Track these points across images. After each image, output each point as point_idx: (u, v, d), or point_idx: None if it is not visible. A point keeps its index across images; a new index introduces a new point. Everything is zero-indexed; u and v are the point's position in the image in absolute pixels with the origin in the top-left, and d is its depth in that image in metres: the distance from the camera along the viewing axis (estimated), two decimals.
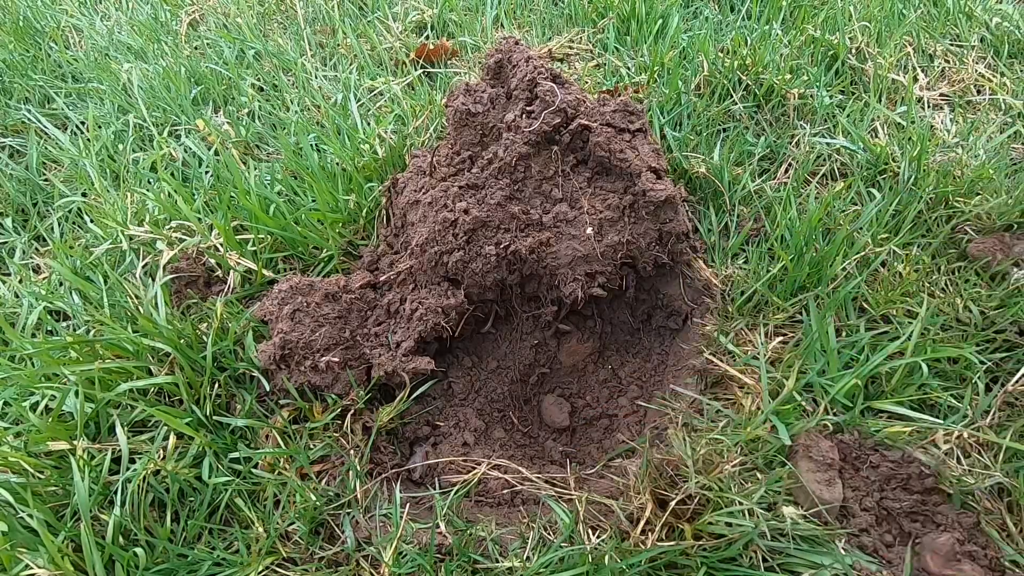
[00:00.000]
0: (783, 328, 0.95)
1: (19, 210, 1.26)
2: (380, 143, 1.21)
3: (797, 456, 0.79)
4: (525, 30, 1.56)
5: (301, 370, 0.89)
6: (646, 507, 0.75)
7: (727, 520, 0.73)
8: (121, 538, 0.75)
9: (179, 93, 1.40)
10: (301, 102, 1.38)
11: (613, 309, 1.05)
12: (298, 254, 1.07)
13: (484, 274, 0.92)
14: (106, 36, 1.65)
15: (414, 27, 1.60)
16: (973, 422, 0.82)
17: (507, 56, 1.01)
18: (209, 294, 1.03)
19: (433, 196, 0.95)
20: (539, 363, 1.04)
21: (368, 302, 0.98)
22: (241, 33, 1.58)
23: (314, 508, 0.79)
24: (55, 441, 0.81)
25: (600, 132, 0.94)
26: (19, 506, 0.75)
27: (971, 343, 0.89)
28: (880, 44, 1.40)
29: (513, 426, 1.00)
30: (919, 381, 0.85)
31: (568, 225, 0.94)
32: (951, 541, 0.71)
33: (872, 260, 0.98)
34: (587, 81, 1.35)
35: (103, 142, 1.30)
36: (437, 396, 0.98)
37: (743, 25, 1.50)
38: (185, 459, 0.82)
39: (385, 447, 0.90)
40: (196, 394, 0.87)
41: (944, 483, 0.77)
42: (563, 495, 0.83)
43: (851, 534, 0.74)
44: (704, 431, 0.83)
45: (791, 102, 1.26)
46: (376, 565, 0.76)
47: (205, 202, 1.13)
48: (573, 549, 0.73)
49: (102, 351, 0.89)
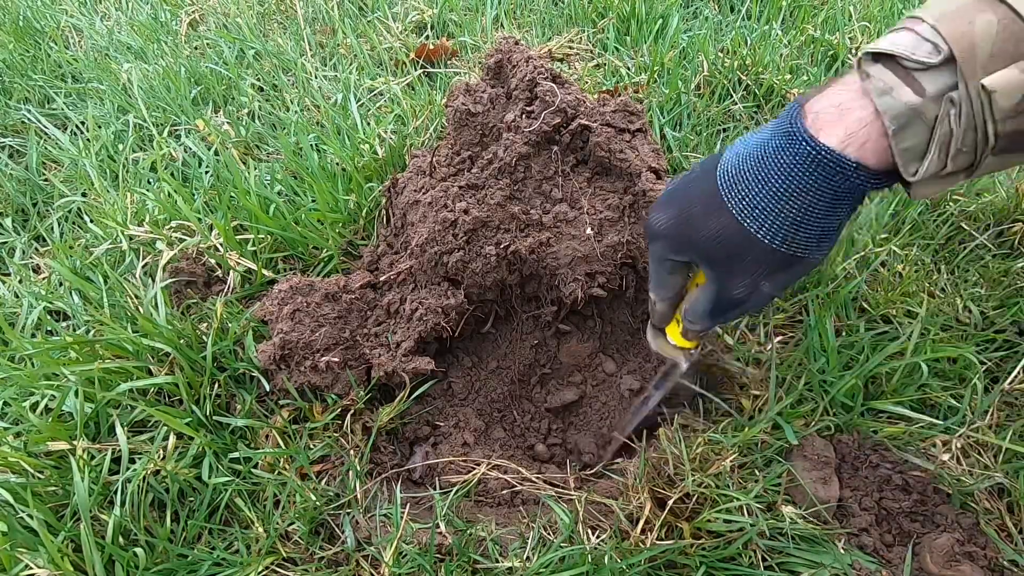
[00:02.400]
0: (783, 328, 0.95)
1: (19, 210, 1.26)
2: (380, 143, 1.21)
3: (793, 455, 0.79)
4: (525, 30, 1.56)
5: (301, 370, 0.89)
6: (645, 506, 0.75)
7: (725, 518, 0.73)
8: (121, 538, 0.75)
9: (179, 93, 1.40)
10: (301, 102, 1.38)
11: (613, 309, 1.05)
12: (298, 254, 1.07)
13: (484, 274, 0.92)
14: (106, 36, 1.65)
15: (414, 27, 1.60)
16: (972, 423, 0.82)
17: (507, 56, 1.01)
18: (209, 294, 1.03)
19: (433, 196, 0.95)
20: (539, 363, 1.04)
21: (368, 302, 0.98)
22: (241, 33, 1.58)
23: (314, 508, 0.79)
24: (55, 441, 0.81)
25: (600, 132, 0.94)
26: (19, 506, 0.75)
27: (971, 343, 0.89)
28: None
29: (513, 423, 1.00)
30: (919, 381, 0.85)
31: (568, 225, 0.94)
32: (950, 541, 0.71)
33: (872, 260, 0.98)
34: (587, 81, 1.35)
35: (103, 142, 1.30)
36: (437, 396, 0.98)
37: (743, 25, 1.50)
38: (185, 459, 0.82)
39: (385, 447, 0.90)
40: (196, 394, 0.87)
41: (943, 484, 0.77)
42: (563, 495, 0.83)
43: (851, 534, 0.74)
44: (701, 431, 0.83)
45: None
46: (376, 565, 0.76)
47: (205, 202, 1.13)
48: (573, 549, 0.74)
49: (102, 351, 0.89)
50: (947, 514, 0.75)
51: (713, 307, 0.65)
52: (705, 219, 0.58)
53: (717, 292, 0.63)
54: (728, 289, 0.61)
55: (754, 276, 0.59)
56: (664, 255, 0.65)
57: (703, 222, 0.58)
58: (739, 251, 0.57)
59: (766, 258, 0.56)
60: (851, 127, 0.49)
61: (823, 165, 0.50)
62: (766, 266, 0.57)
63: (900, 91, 0.47)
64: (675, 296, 0.72)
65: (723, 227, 0.57)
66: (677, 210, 0.61)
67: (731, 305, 0.63)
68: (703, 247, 0.60)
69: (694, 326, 0.71)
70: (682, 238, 0.61)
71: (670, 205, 0.62)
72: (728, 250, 0.58)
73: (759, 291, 0.60)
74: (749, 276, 0.59)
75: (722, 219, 0.57)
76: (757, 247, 0.56)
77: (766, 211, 0.54)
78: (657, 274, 0.70)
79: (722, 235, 0.57)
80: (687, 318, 0.71)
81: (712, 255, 0.60)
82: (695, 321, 0.69)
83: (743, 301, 0.62)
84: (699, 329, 0.71)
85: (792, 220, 0.54)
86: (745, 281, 0.59)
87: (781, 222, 0.54)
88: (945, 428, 0.82)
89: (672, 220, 0.61)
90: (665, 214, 0.62)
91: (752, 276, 0.59)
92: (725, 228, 0.57)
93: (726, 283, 0.61)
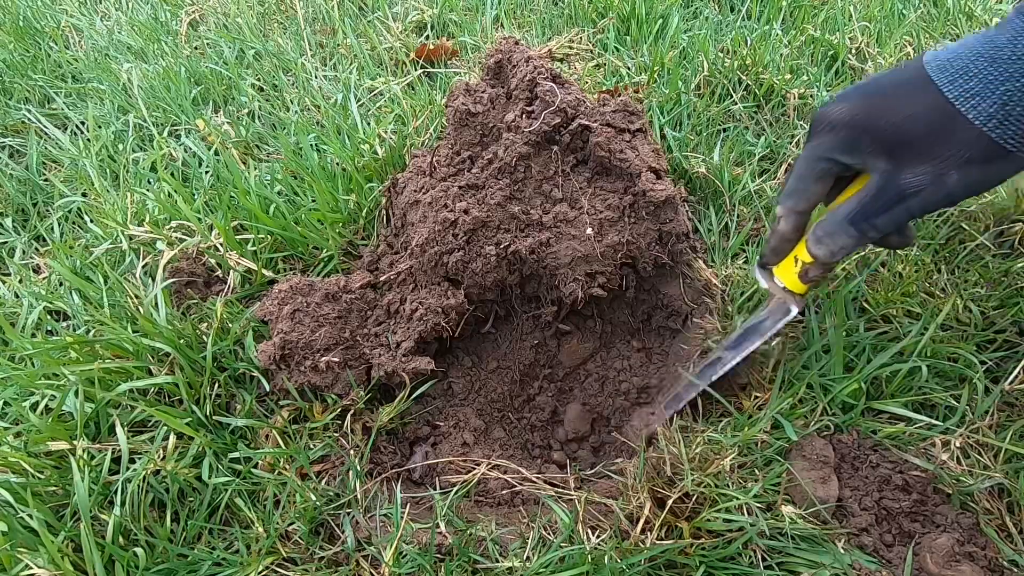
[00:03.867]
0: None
1: (19, 210, 1.26)
2: (380, 143, 1.21)
3: (791, 455, 0.79)
4: (525, 30, 1.56)
5: (301, 370, 0.89)
6: (644, 506, 0.75)
7: (725, 517, 0.73)
8: (121, 538, 0.75)
9: (179, 93, 1.40)
10: (301, 102, 1.38)
11: (613, 309, 1.05)
12: (298, 254, 1.07)
13: (484, 274, 0.92)
14: (106, 36, 1.65)
15: (414, 27, 1.60)
16: (972, 423, 0.82)
17: (507, 56, 1.01)
18: (209, 294, 1.03)
19: (433, 196, 0.95)
20: (539, 363, 1.04)
21: (368, 302, 0.98)
22: (241, 33, 1.58)
23: (314, 508, 0.79)
24: (55, 441, 0.81)
25: (600, 132, 0.94)
26: (19, 506, 0.75)
27: (971, 343, 0.89)
28: (880, 44, 1.40)
29: (512, 424, 1.00)
30: (919, 382, 0.85)
31: (568, 225, 0.94)
32: (950, 541, 0.71)
33: (872, 260, 0.98)
34: (587, 81, 1.35)
35: (103, 142, 1.30)
36: (437, 396, 0.98)
37: (743, 25, 1.50)
38: (185, 459, 0.82)
39: (385, 447, 0.90)
40: (196, 394, 0.87)
41: (943, 484, 0.77)
42: (563, 495, 0.83)
43: (850, 534, 0.74)
44: (701, 431, 0.83)
45: (791, 102, 1.26)
46: (376, 565, 0.76)
47: (205, 202, 1.13)
48: (573, 549, 0.74)
49: (102, 351, 0.89)
50: (947, 514, 0.75)
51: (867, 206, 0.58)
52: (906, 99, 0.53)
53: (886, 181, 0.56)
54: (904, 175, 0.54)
55: (945, 162, 0.52)
56: (826, 152, 0.59)
57: (902, 102, 0.53)
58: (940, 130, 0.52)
59: (968, 143, 0.51)
60: None
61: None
62: (965, 151, 0.51)
63: None
64: (807, 211, 0.66)
65: (927, 105, 0.52)
66: (867, 97, 0.56)
67: (899, 197, 0.56)
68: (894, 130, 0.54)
69: (823, 244, 0.63)
70: (867, 125, 0.55)
71: (858, 95, 0.57)
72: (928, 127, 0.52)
73: (941, 182, 0.53)
74: (940, 161, 0.52)
75: (928, 98, 0.52)
76: (963, 128, 0.51)
77: (984, 92, 0.50)
78: (800, 177, 0.63)
79: (924, 113, 0.52)
80: (820, 231, 0.64)
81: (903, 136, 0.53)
82: (832, 233, 0.62)
83: (918, 191, 0.54)
84: (829, 251, 0.64)
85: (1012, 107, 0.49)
86: (931, 169, 0.53)
87: (999, 107, 0.50)
88: (945, 428, 0.82)
89: (860, 106, 0.56)
90: (850, 102, 0.57)
91: (943, 161, 0.52)
92: (930, 106, 0.52)
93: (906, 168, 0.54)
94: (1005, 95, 0.50)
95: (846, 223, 0.61)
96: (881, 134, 0.55)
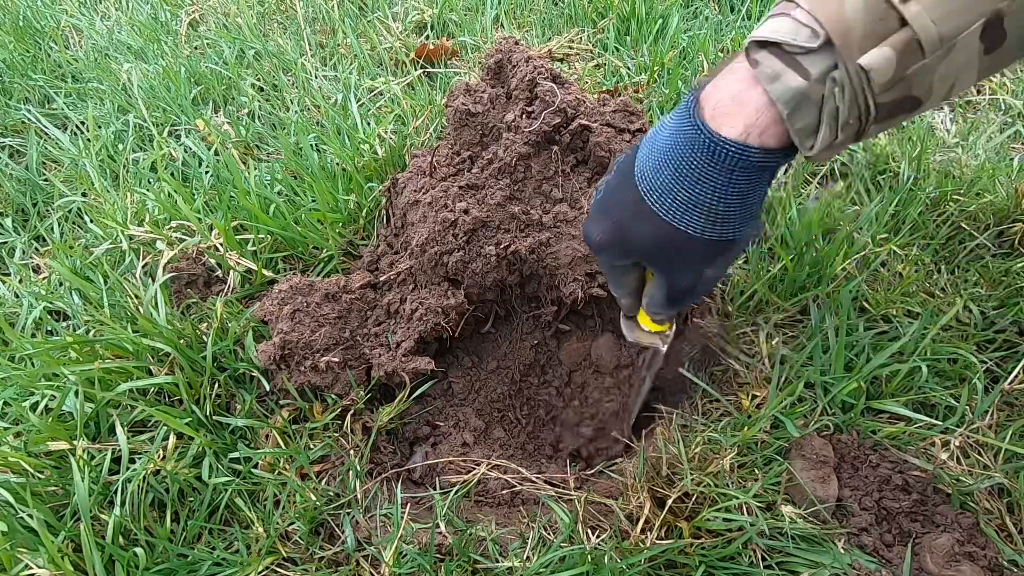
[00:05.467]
0: (783, 327, 0.95)
1: (19, 210, 1.26)
2: (380, 143, 1.21)
3: (791, 454, 0.79)
4: (525, 30, 1.56)
5: (301, 370, 0.89)
6: (644, 506, 0.75)
7: (724, 517, 0.73)
8: (121, 538, 0.75)
9: (179, 93, 1.40)
10: (301, 102, 1.38)
11: (613, 309, 1.05)
12: (298, 254, 1.07)
13: (484, 274, 0.92)
14: (106, 36, 1.65)
15: (414, 27, 1.61)
16: (972, 423, 0.82)
17: (507, 56, 1.01)
18: (209, 294, 1.03)
19: (433, 196, 0.95)
20: (539, 363, 1.04)
21: (368, 302, 0.98)
22: (241, 33, 1.58)
23: (314, 508, 0.79)
24: (55, 441, 0.81)
25: (600, 132, 0.94)
26: (19, 506, 0.75)
27: (971, 343, 0.89)
28: None
29: (512, 424, 1.00)
30: (919, 382, 0.85)
31: (568, 225, 0.94)
32: (950, 541, 0.71)
33: (872, 260, 0.98)
34: (587, 81, 1.36)
35: (103, 142, 1.30)
36: (437, 396, 0.98)
37: (743, 25, 1.50)
38: (185, 459, 0.82)
39: (385, 447, 0.90)
40: (196, 394, 0.87)
41: (943, 484, 0.77)
42: (563, 495, 0.83)
43: (850, 533, 0.74)
44: (700, 430, 0.83)
45: None
46: (376, 565, 0.76)
47: (205, 202, 1.13)
48: (573, 549, 0.74)
49: (102, 351, 0.89)
50: (947, 514, 0.75)
51: (667, 298, 0.68)
52: (637, 225, 0.60)
53: (667, 285, 0.66)
54: (676, 282, 0.65)
55: (696, 266, 0.62)
56: (611, 263, 0.69)
57: (636, 229, 0.61)
58: (676, 249, 0.60)
59: (702, 249, 0.59)
60: (749, 117, 0.51)
61: (730, 157, 0.53)
62: (704, 255, 0.60)
63: (787, 76, 0.49)
64: (635, 291, 0.75)
65: (655, 230, 0.59)
66: (610, 222, 0.64)
67: (683, 295, 0.67)
68: (642, 251, 0.63)
69: (658, 315, 0.74)
70: (622, 245, 0.64)
71: (602, 217, 0.65)
72: (665, 250, 0.61)
73: (704, 278, 0.63)
74: (691, 268, 0.62)
75: (652, 223, 0.59)
76: (691, 242, 0.59)
77: (689, 208, 0.57)
78: (612, 278, 0.74)
79: (656, 237, 0.60)
80: (649, 309, 0.74)
81: (652, 256, 0.63)
82: (657, 311, 0.73)
83: (692, 289, 0.65)
84: (663, 317, 0.75)
85: (716, 211, 0.56)
86: (689, 273, 0.63)
87: (706, 215, 0.57)
88: (945, 428, 0.82)
89: (607, 232, 0.64)
90: (600, 227, 0.65)
91: (694, 267, 0.62)
92: (657, 231, 0.59)
93: (673, 277, 0.65)
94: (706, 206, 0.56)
95: (664, 304, 0.69)
96: (635, 253, 0.64)
